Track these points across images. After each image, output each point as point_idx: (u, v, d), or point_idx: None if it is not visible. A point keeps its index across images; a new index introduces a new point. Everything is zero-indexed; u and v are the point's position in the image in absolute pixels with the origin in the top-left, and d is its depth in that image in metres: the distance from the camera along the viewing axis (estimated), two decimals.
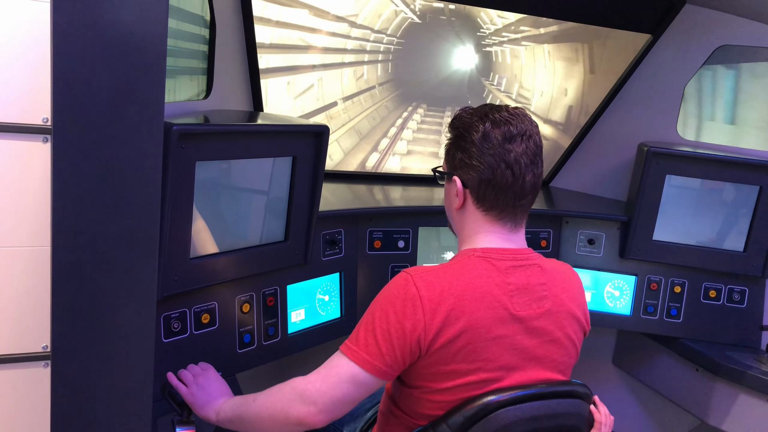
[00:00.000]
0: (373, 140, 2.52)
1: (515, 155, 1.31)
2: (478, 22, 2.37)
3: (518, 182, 1.32)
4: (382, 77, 2.39)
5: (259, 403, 1.36)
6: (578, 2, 2.33)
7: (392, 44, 2.31)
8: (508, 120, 1.33)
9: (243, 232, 1.77)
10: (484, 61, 2.47)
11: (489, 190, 1.33)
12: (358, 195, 2.40)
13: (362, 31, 2.23)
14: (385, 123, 2.50)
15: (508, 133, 1.32)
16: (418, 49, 2.38)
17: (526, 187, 1.34)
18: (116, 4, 1.04)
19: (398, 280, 1.30)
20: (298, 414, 1.27)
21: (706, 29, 2.38)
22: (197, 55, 1.88)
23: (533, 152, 1.33)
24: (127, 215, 1.14)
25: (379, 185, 2.53)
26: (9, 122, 1.32)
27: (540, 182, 1.38)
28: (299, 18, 2.09)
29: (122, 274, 1.17)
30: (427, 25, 2.31)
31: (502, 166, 1.31)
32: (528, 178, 1.33)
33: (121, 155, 1.11)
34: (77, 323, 1.17)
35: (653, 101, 2.53)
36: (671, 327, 2.40)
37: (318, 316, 2.03)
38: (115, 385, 1.24)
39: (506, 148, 1.31)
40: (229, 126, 1.66)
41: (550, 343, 1.34)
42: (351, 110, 2.40)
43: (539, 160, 1.36)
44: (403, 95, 2.46)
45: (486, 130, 1.32)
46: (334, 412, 1.28)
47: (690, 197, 2.37)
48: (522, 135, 1.32)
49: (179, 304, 1.63)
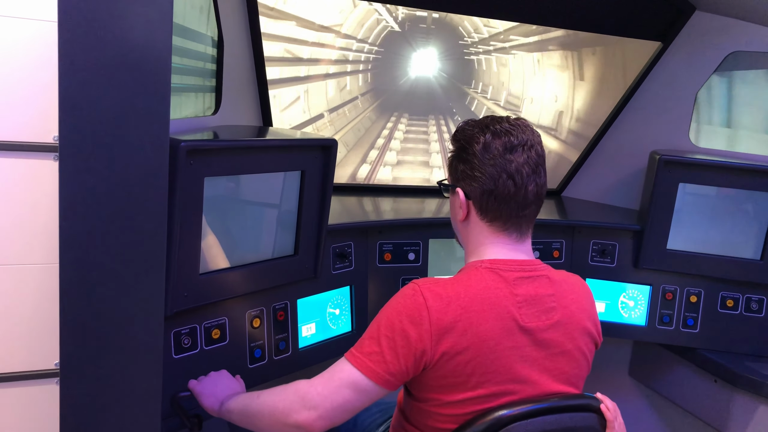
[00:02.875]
0: (360, 152, 2.51)
1: (516, 165, 1.31)
2: (461, 31, 2.36)
3: (520, 192, 1.32)
4: (362, 87, 2.38)
5: (261, 399, 1.37)
6: (587, 12, 2.32)
7: (372, 53, 2.31)
8: (509, 131, 1.33)
9: (253, 247, 1.77)
10: (466, 70, 2.47)
11: (492, 201, 1.33)
12: (364, 208, 2.40)
13: (346, 41, 2.24)
14: (370, 134, 2.49)
15: (508, 144, 1.31)
16: (396, 58, 2.38)
17: (529, 197, 1.33)
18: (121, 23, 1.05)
19: (406, 291, 1.30)
20: (297, 419, 1.28)
21: (717, 36, 2.36)
22: (205, 72, 1.90)
23: (535, 162, 1.33)
24: (133, 232, 1.14)
25: (370, 197, 2.53)
26: (21, 141, 1.34)
27: (544, 192, 1.37)
28: (286, 30, 2.10)
29: (129, 291, 1.17)
30: (404, 34, 2.31)
31: (504, 177, 1.31)
32: (530, 188, 1.32)
33: (128, 172, 1.12)
34: (85, 341, 1.17)
35: (665, 109, 2.52)
36: (688, 337, 2.36)
37: (329, 330, 2.02)
38: (124, 402, 1.24)
39: (507, 158, 1.31)
40: (237, 141, 1.67)
41: (559, 355, 1.33)
42: (337, 122, 2.40)
43: (542, 169, 1.35)
44: (384, 105, 2.46)
45: (487, 141, 1.32)
46: (334, 418, 1.27)
47: (704, 205, 2.34)
48: (523, 145, 1.32)
49: (189, 320, 1.63)
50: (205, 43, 1.85)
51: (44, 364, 1.42)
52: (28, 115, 1.34)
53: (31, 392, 1.43)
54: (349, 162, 2.50)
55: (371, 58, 2.32)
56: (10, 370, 1.40)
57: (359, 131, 2.46)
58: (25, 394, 1.42)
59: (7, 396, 1.41)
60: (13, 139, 1.33)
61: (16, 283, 1.38)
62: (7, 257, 1.36)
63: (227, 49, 1.91)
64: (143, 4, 1.05)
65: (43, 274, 1.39)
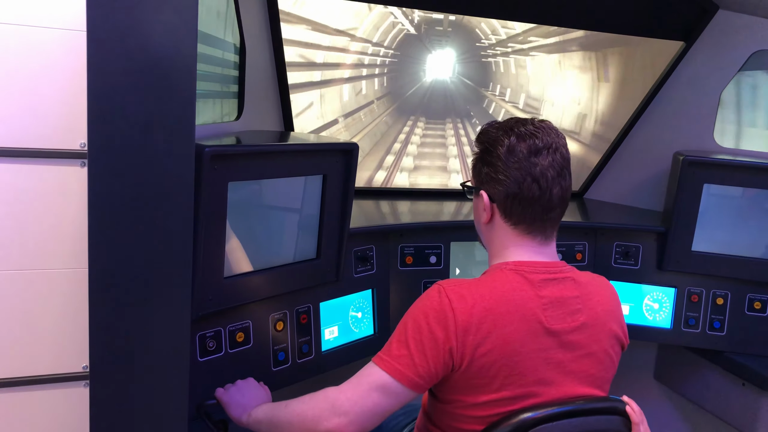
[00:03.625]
0: (377, 156, 2.51)
1: (541, 168, 1.30)
2: (478, 33, 2.35)
3: (545, 195, 1.31)
4: (378, 91, 2.38)
5: (290, 408, 1.36)
6: (609, 13, 2.31)
7: (388, 57, 2.31)
8: (534, 133, 1.32)
9: (275, 251, 1.78)
10: (484, 72, 2.45)
11: (516, 205, 1.33)
12: (382, 211, 2.40)
13: (361, 44, 2.23)
14: (387, 138, 2.49)
15: (533, 147, 1.31)
16: (412, 62, 2.37)
17: (554, 201, 1.32)
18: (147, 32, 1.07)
19: (431, 293, 1.30)
20: (328, 426, 1.27)
21: (741, 34, 2.33)
22: (228, 78, 1.92)
23: (560, 165, 1.32)
24: (160, 237, 1.16)
25: (388, 200, 2.52)
26: (49, 148, 1.36)
27: (568, 195, 1.36)
28: (300, 34, 2.10)
29: (157, 295, 1.19)
30: (420, 37, 2.30)
31: (528, 180, 1.30)
32: (555, 191, 1.32)
33: (155, 178, 1.13)
34: (114, 344, 1.19)
35: (688, 109, 2.49)
36: (714, 340, 2.32)
37: (351, 333, 2.03)
38: (152, 404, 1.26)
39: (532, 161, 1.30)
40: (260, 146, 1.68)
41: (586, 357, 1.32)
42: (352, 127, 2.40)
43: (566, 172, 1.34)
44: (400, 109, 2.45)
45: (511, 144, 1.32)
46: (364, 423, 1.27)
47: (730, 206, 2.30)
48: (548, 148, 1.31)
49: (214, 323, 1.64)
50: (226, 50, 1.87)
51: (72, 367, 1.44)
52: (55, 122, 1.36)
53: (59, 395, 1.45)
54: (365, 167, 2.50)
55: (387, 61, 2.32)
56: (38, 372, 1.42)
57: (375, 136, 2.46)
58: (52, 397, 1.44)
59: (36, 399, 1.43)
60: (41, 146, 1.35)
61: (44, 287, 1.40)
62: (36, 262, 1.39)
63: (249, 55, 1.93)
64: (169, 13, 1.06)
65: (71, 279, 1.41)
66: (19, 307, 1.39)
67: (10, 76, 1.30)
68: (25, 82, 1.31)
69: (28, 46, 1.30)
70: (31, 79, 1.32)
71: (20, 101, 1.32)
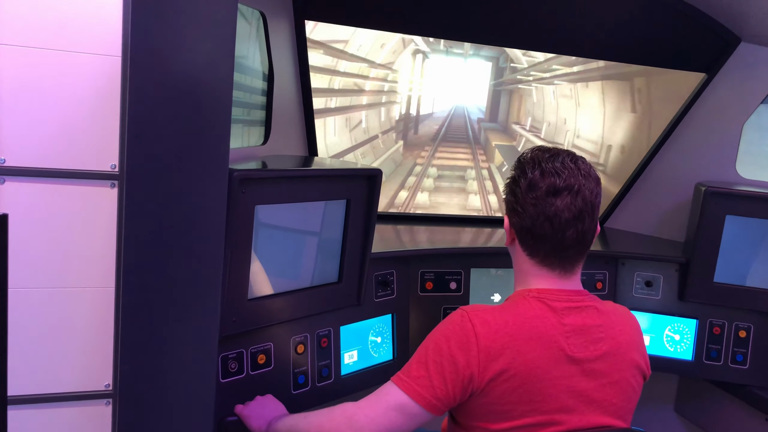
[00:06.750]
0: (395, 183, 2.52)
1: (556, 209, 1.30)
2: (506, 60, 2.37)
3: (557, 235, 1.31)
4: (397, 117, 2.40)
5: (308, 420, 1.39)
6: (631, 44, 2.33)
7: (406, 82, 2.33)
8: (558, 172, 1.31)
9: (298, 274, 1.80)
10: (505, 100, 2.47)
11: (529, 238, 1.34)
12: (401, 237, 2.41)
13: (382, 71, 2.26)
14: (404, 166, 2.51)
15: (552, 186, 1.30)
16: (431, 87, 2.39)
17: (567, 242, 1.32)
18: (187, 60, 1.10)
19: (454, 317, 1.31)
20: None
21: (764, 67, 2.33)
22: (257, 104, 1.95)
23: (578, 208, 1.30)
24: (192, 259, 1.18)
25: (405, 225, 2.53)
26: (80, 169, 1.39)
27: (588, 238, 1.34)
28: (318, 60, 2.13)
29: (186, 317, 1.20)
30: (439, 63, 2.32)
31: (541, 219, 1.31)
32: (569, 233, 1.31)
33: (188, 201, 1.16)
34: (143, 363, 1.21)
35: (710, 140, 2.48)
36: (738, 374, 2.29)
37: (370, 357, 2.03)
38: (176, 424, 1.27)
39: (549, 201, 1.30)
40: (288, 171, 1.71)
41: (608, 386, 1.31)
42: (369, 155, 2.42)
43: (587, 215, 1.32)
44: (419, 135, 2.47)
45: (534, 180, 1.32)
46: None
47: (753, 238, 2.28)
48: (569, 189, 1.30)
49: (236, 345, 1.65)
50: (255, 77, 1.91)
51: (94, 385, 1.45)
52: (87, 144, 1.39)
53: (82, 412, 1.46)
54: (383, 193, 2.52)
55: (406, 87, 2.34)
56: (60, 390, 1.43)
57: (393, 162, 2.48)
58: (75, 415, 1.46)
59: (59, 416, 1.44)
60: (72, 167, 1.38)
61: (69, 305, 1.42)
62: (63, 280, 1.41)
63: (277, 82, 1.97)
64: (207, 40, 1.10)
65: (96, 297, 1.43)
66: (44, 324, 1.41)
67: (45, 99, 1.34)
68: (59, 105, 1.35)
69: (63, 70, 1.34)
70: (65, 102, 1.35)
71: (54, 123, 1.35)
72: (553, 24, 2.24)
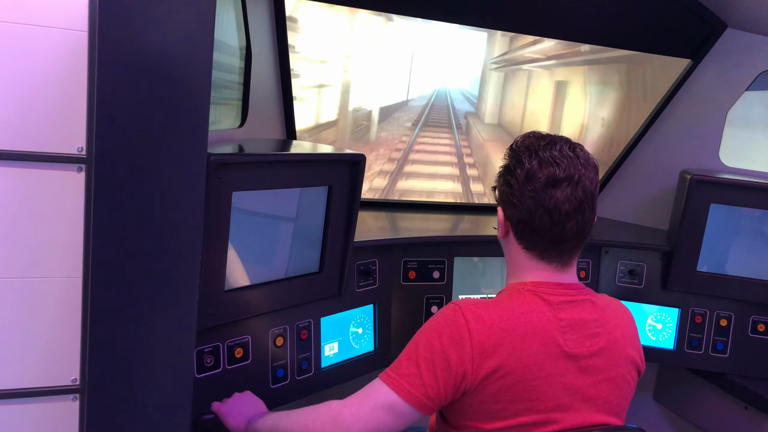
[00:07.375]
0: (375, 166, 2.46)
1: (556, 201, 1.24)
2: None
3: (557, 228, 1.25)
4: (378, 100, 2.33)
5: (291, 419, 1.33)
6: (616, 28, 2.29)
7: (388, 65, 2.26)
8: (557, 161, 1.25)
9: (277, 264, 1.73)
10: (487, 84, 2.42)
11: (527, 231, 1.28)
12: (381, 223, 2.35)
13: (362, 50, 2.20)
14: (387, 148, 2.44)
15: (552, 177, 1.24)
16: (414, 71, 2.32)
17: (566, 234, 1.26)
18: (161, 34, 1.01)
19: (446, 311, 1.25)
20: None
21: (749, 54, 2.32)
22: (233, 84, 1.86)
23: (579, 199, 1.25)
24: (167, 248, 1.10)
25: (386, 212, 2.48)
26: (44, 152, 1.30)
27: (587, 229, 1.29)
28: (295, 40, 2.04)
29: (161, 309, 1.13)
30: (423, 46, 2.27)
31: (540, 211, 1.25)
32: (569, 225, 1.25)
33: (163, 187, 1.08)
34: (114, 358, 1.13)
35: (695, 128, 2.47)
36: (717, 362, 2.29)
37: (351, 349, 1.97)
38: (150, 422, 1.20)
39: (548, 192, 1.24)
40: (268, 156, 1.64)
41: (604, 382, 1.27)
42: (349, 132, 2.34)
43: (587, 206, 1.26)
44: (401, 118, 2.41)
45: (531, 170, 1.26)
46: None
47: (736, 226, 2.28)
48: (569, 180, 1.24)
49: (212, 338, 1.58)
50: (234, 55, 1.82)
51: (61, 380, 1.37)
52: (51, 125, 1.30)
53: (47, 408, 1.38)
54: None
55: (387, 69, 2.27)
56: (25, 385, 1.36)
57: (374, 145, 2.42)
58: (40, 411, 1.38)
59: (22, 412, 1.36)
60: (36, 150, 1.29)
61: (34, 296, 1.33)
62: (27, 269, 1.32)
63: (255, 61, 1.88)
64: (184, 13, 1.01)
65: (62, 287, 1.35)
66: (6, 316, 1.32)
67: (5, 76, 1.24)
68: (21, 83, 1.26)
69: (25, 46, 1.25)
70: (27, 80, 1.26)
71: (15, 102, 1.26)
72: (540, 7, 2.18)
